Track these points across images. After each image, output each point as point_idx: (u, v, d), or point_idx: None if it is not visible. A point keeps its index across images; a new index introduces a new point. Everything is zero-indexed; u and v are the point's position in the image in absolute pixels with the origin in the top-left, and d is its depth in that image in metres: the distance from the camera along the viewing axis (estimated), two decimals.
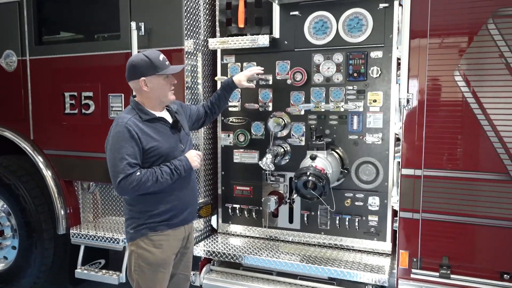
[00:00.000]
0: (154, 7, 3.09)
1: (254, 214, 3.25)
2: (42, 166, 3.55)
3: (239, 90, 3.18)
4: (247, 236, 3.31)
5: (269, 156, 2.95)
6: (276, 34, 3.06)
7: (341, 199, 2.98)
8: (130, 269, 2.43)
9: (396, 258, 2.67)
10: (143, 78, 2.32)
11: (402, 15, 2.49)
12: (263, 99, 3.16)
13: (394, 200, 2.78)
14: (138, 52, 2.43)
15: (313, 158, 2.73)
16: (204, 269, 3.16)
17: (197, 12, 3.16)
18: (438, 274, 2.54)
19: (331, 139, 2.98)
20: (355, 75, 2.87)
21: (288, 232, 3.19)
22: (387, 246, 2.92)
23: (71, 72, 3.47)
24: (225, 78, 3.08)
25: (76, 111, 3.43)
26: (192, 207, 2.56)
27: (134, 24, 3.06)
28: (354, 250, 3.01)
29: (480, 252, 2.49)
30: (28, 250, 3.61)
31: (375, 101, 2.86)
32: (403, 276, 2.63)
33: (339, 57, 2.92)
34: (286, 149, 3.10)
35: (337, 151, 2.95)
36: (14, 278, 3.69)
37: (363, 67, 2.85)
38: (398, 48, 2.73)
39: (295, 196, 2.94)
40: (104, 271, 3.46)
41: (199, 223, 3.33)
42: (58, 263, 3.72)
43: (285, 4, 3.00)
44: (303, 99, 3.04)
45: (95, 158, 3.33)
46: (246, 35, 3.11)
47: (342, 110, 2.95)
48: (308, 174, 2.64)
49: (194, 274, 3.12)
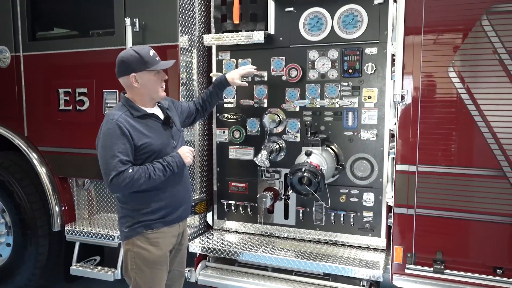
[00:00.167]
0: (148, 3, 3.07)
1: (249, 210, 3.26)
2: (36, 163, 3.53)
3: (234, 86, 3.18)
4: (243, 233, 3.31)
5: (264, 153, 2.95)
6: (271, 30, 3.06)
7: (336, 195, 2.99)
8: (127, 267, 2.40)
9: (391, 254, 2.69)
10: (133, 74, 2.29)
11: (397, 12, 2.50)
12: (258, 96, 3.16)
13: (389, 196, 2.80)
14: (128, 48, 2.39)
15: (308, 154, 2.73)
16: (199, 265, 3.16)
17: (192, 8, 3.15)
18: (432, 269, 2.57)
19: (326, 135, 2.99)
20: (350, 71, 2.88)
21: (284, 228, 3.19)
22: (381, 242, 2.93)
23: (65, 68, 3.44)
24: (220, 74, 3.07)
25: (70, 108, 3.41)
26: (186, 204, 2.55)
27: (128, 20, 3.05)
28: (349, 246, 3.02)
29: (473, 247, 2.52)
30: (22, 247, 3.59)
31: (370, 97, 2.86)
32: (398, 272, 2.66)
33: (334, 53, 2.93)
34: (281, 145, 3.11)
35: (332, 147, 2.96)
36: (8, 275, 3.67)
37: (358, 64, 2.85)
38: (392, 44, 2.73)
39: (290, 192, 2.93)
40: (99, 268, 3.45)
41: (194, 220, 3.33)
42: (53, 260, 3.70)
43: (280, 0, 2.99)
44: (298, 95, 3.04)
45: (90, 154, 3.30)
46: (241, 31, 3.09)
47: (337, 106, 2.95)
48: (303, 170, 2.64)
49: (189, 270, 3.12)
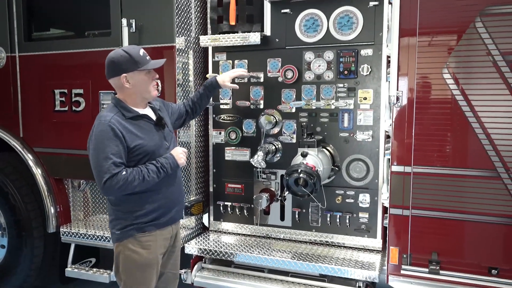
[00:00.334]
0: (145, 4, 3.07)
1: (245, 211, 3.25)
2: (31, 164, 3.51)
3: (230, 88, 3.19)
4: (239, 234, 3.31)
5: (260, 154, 2.95)
6: (267, 31, 3.06)
7: (332, 196, 2.99)
8: (118, 269, 2.38)
9: (387, 255, 2.69)
10: (124, 74, 2.25)
11: (392, 14, 2.52)
12: (254, 97, 3.17)
13: (384, 197, 2.81)
14: (117, 48, 2.34)
15: (304, 156, 2.74)
16: (195, 266, 3.16)
17: (188, 9, 3.15)
18: (427, 270, 2.57)
19: (322, 136, 2.99)
20: (346, 72, 2.89)
21: (280, 230, 3.19)
22: (377, 243, 2.94)
23: (61, 69, 3.43)
24: (217, 75, 3.08)
25: (66, 108, 3.40)
26: (179, 205, 2.53)
27: (125, 21, 3.04)
28: (345, 247, 3.03)
29: (468, 248, 2.53)
30: (17, 249, 3.57)
31: (365, 98, 2.87)
32: (393, 272, 2.66)
33: (330, 54, 2.94)
34: (277, 146, 3.11)
35: (328, 148, 2.97)
36: (3, 277, 3.65)
37: (353, 65, 2.86)
38: (388, 46, 2.75)
39: (286, 193, 2.94)
40: (94, 269, 3.44)
41: (190, 221, 3.32)
42: (48, 261, 3.69)
43: (276, 1, 3.00)
44: (294, 96, 3.05)
45: (86, 156, 3.18)
46: (237, 32, 3.10)
47: (333, 107, 2.96)
48: (299, 171, 2.65)
49: (185, 272, 3.12)
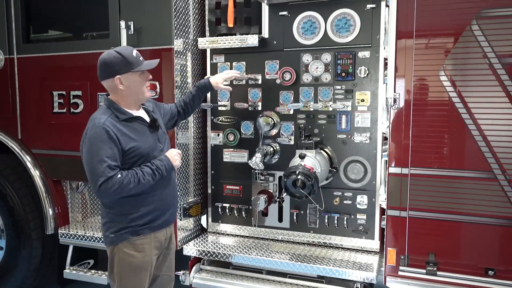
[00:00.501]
0: (143, 6, 3.08)
1: (243, 213, 3.26)
2: (30, 165, 3.51)
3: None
4: (237, 235, 3.31)
5: (258, 155, 2.95)
6: (265, 34, 3.08)
7: (330, 198, 3.00)
8: (112, 271, 2.36)
9: (384, 256, 2.71)
10: (118, 76, 2.22)
11: (389, 16, 2.53)
12: (252, 99, 3.18)
13: (382, 199, 2.81)
14: (109, 49, 2.30)
15: (302, 157, 2.75)
16: (194, 268, 3.16)
17: (186, 12, 3.16)
18: (425, 271, 2.58)
19: (320, 138, 3.00)
20: (343, 75, 2.90)
21: (278, 231, 3.20)
22: (375, 244, 2.95)
23: (59, 70, 3.44)
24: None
25: (64, 110, 3.41)
26: (174, 208, 2.51)
27: (123, 23, 3.05)
28: (343, 248, 3.03)
29: (465, 249, 2.54)
30: (15, 250, 3.57)
31: (363, 100, 2.89)
32: (391, 274, 2.67)
33: (327, 57, 2.95)
34: (275, 148, 3.12)
35: (325, 150, 2.98)
36: (1, 278, 3.64)
37: (351, 67, 2.87)
38: (385, 48, 2.76)
39: (284, 195, 2.94)
40: (93, 271, 3.44)
41: (188, 223, 3.33)
42: (47, 263, 3.69)
43: (274, 4, 3.02)
44: (292, 98, 3.06)
45: None
46: (235, 34, 3.12)
47: (331, 109, 2.97)
48: (297, 173, 2.66)
49: (184, 274, 3.12)
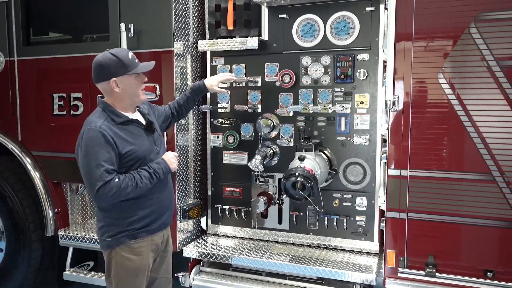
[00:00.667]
0: (143, 9, 3.09)
1: (243, 215, 3.27)
2: (30, 167, 3.52)
3: (229, 92, 3.21)
4: (237, 237, 3.32)
5: (258, 157, 2.96)
6: (265, 36, 3.09)
7: (329, 200, 3.01)
8: (109, 274, 2.35)
9: (383, 258, 2.71)
10: (114, 78, 2.20)
11: (388, 19, 2.54)
12: (252, 101, 3.19)
13: (381, 200, 2.82)
14: (104, 51, 2.27)
15: (301, 159, 2.75)
16: (193, 270, 3.16)
17: (186, 14, 3.18)
18: (424, 273, 2.58)
19: (319, 140, 3.01)
20: (343, 77, 2.91)
21: (277, 233, 3.21)
22: (374, 246, 2.96)
23: (59, 73, 3.45)
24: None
25: (64, 112, 3.41)
26: (170, 210, 2.50)
27: (123, 25, 3.06)
28: (342, 250, 3.04)
29: (464, 251, 2.54)
30: (15, 252, 3.57)
31: (362, 103, 2.90)
32: (390, 275, 2.67)
33: (326, 59, 2.96)
34: (275, 150, 3.13)
35: (325, 152, 2.99)
36: (1, 280, 3.65)
37: (350, 70, 2.89)
38: (384, 51, 2.77)
39: (284, 197, 2.96)
40: (93, 273, 3.45)
41: (188, 224, 3.33)
42: (46, 265, 3.69)
43: (273, 7, 3.03)
44: (292, 100, 3.07)
45: None
46: (235, 37, 3.13)
47: (330, 111, 2.98)
48: (297, 175, 2.67)
49: (183, 275, 3.13)
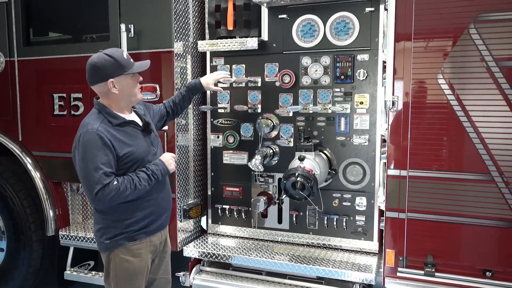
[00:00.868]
0: (143, 9, 3.10)
1: (243, 214, 3.28)
2: (30, 167, 3.53)
3: (228, 91, 3.22)
4: (237, 237, 3.33)
5: (258, 157, 2.97)
6: (265, 36, 3.10)
7: (329, 200, 3.02)
8: (108, 275, 2.34)
9: (383, 257, 2.72)
10: (111, 79, 2.18)
11: (387, 19, 2.54)
12: (252, 101, 3.19)
13: (381, 200, 2.83)
14: (98, 52, 2.25)
15: (301, 159, 2.76)
16: (194, 269, 3.17)
17: (186, 15, 3.18)
18: (423, 272, 2.59)
19: (319, 140, 3.02)
20: (342, 77, 2.92)
21: (277, 233, 3.22)
22: (374, 245, 2.97)
23: (59, 73, 3.45)
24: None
25: (65, 113, 3.42)
26: (168, 211, 2.50)
27: (123, 26, 3.06)
28: (342, 249, 3.05)
29: (463, 250, 2.56)
30: (16, 252, 3.58)
31: (361, 103, 2.90)
32: (390, 275, 2.68)
33: (326, 59, 2.97)
34: (274, 150, 3.14)
35: (325, 152, 3.00)
36: (1, 280, 3.66)
37: (350, 70, 2.89)
38: (383, 51, 2.77)
39: (283, 196, 2.97)
40: (93, 272, 3.46)
41: (188, 224, 3.34)
42: (47, 265, 3.70)
43: (273, 7, 3.03)
44: (292, 101, 3.08)
45: None
46: (235, 37, 3.13)
47: (330, 112, 2.99)
48: (297, 175, 2.67)
49: (184, 275, 3.14)
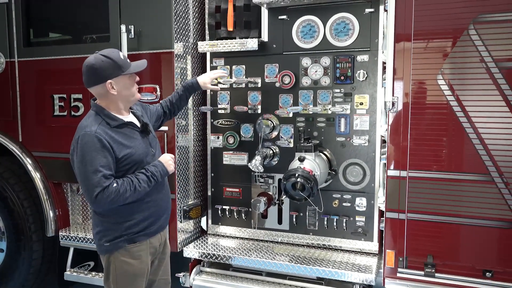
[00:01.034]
0: (144, 10, 3.10)
1: (243, 215, 3.28)
2: (30, 168, 3.53)
3: (228, 92, 3.22)
4: (237, 237, 3.33)
5: (258, 158, 2.97)
6: (265, 37, 3.10)
7: (329, 200, 3.02)
8: (107, 278, 2.33)
9: (383, 258, 2.72)
10: (109, 81, 2.16)
11: (387, 20, 2.55)
12: (252, 102, 3.20)
13: (381, 201, 2.83)
14: (94, 54, 2.23)
15: (301, 160, 2.77)
16: (194, 270, 3.17)
17: (186, 16, 3.19)
18: (423, 273, 2.59)
19: (319, 141, 3.03)
20: (342, 78, 2.92)
21: (277, 233, 3.22)
22: (374, 246, 2.97)
23: (60, 74, 3.46)
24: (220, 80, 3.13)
25: (65, 113, 3.42)
26: (168, 212, 2.50)
27: (124, 27, 3.07)
28: (342, 250, 3.06)
29: (463, 251, 2.56)
30: (16, 253, 3.58)
31: (361, 103, 2.91)
32: (390, 275, 2.68)
33: (326, 60, 2.97)
34: (275, 151, 3.14)
35: (325, 153, 3.00)
36: (1, 281, 3.66)
37: (350, 71, 2.90)
38: (383, 52, 2.78)
39: (284, 197, 2.97)
40: (93, 273, 3.46)
41: (188, 225, 3.35)
42: (47, 265, 3.70)
43: (273, 8, 3.04)
44: (292, 101, 3.08)
45: None
46: (235, 38, 3.14)
47: (330, 112, 2.99)
48: (297, 175, 2.68)
49: (184, 275, 3.14)
